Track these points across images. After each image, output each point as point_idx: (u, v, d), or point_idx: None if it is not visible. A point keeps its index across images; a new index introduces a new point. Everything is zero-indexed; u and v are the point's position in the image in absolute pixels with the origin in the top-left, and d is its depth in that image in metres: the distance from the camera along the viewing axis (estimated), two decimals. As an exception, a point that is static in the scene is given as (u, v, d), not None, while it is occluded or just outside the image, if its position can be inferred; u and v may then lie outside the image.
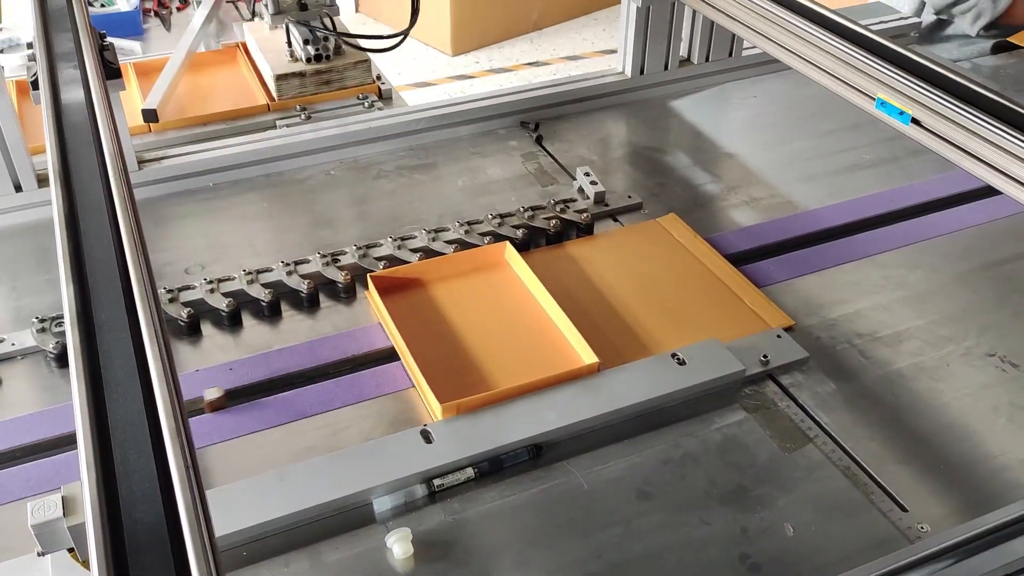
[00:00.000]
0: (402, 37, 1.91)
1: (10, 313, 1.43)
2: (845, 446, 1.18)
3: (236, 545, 1.05)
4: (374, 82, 2.03)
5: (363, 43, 2.02)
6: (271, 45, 2.03)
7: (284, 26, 2.00)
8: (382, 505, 1.10)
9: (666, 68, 2.02)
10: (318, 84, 1.96)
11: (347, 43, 1.99)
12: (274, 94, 1.94)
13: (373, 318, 1.40)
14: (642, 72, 2.00)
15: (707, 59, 2.06)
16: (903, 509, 1.10)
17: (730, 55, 2.07)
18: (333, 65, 1.97)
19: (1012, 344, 1.35)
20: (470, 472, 1.13)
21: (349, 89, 2.02)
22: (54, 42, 1.37)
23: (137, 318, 0.83)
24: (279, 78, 1.92)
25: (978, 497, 1.12)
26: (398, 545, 1.04)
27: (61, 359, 1.32)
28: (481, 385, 1.25)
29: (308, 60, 1.94)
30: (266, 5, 1.97)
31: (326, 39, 1.95)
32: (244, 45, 2.18)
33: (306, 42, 1.94)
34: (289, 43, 1.99)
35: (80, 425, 0.72)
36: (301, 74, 1.93)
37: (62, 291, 0.87)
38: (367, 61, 2.00)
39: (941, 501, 1.12)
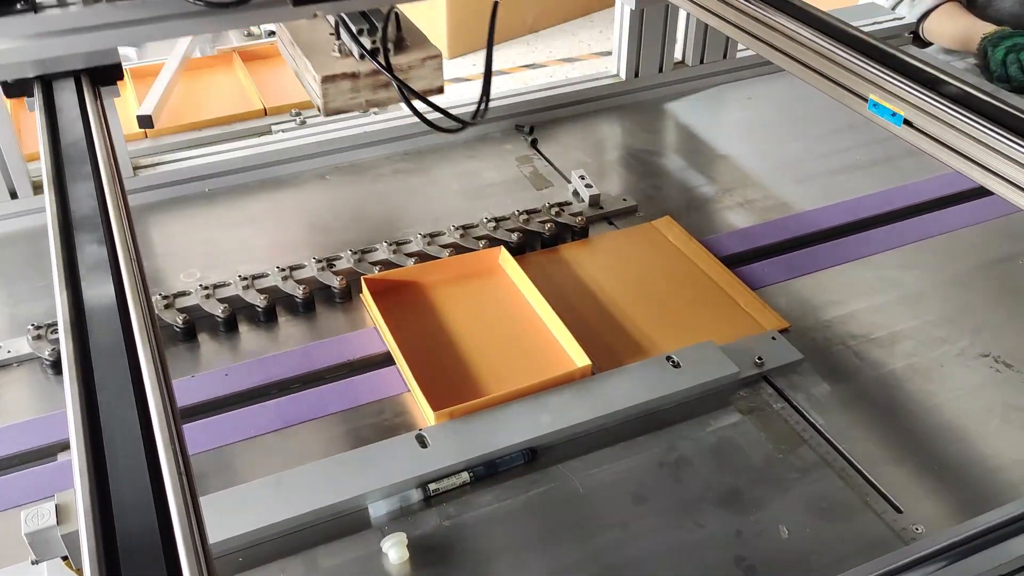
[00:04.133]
0: (481, 109, 1.42)
1: (6, 320, 1.43)
2: (840, 447, 1.19)
3: (232, 551, 1.05)
4: (442, 86, 1.47)
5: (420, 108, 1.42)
6: (311, 37, 1.45)
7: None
8: (377, 510, 1.10)
9: (660, 70, 2.03)
10: (375, 88, 1.40)
11: (406, 98, 1.40)
12: (319, 103, 1.39)
13: (368, 322, 1.40)
14: (637, 75, 2.01)
15: (701, 61, 2.06)
16: (898, 510, 1.10)
17: (724, 57, 2.08)
18: (396, 63, 1.46)
19: (1006, 344, 1.35)
20: (465, 476, 1.13)
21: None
22: (48, 49, 1.37)
23: (131, 325, 0.84)
24: (326, 80, 1.36)
25: (973, 498, 1.13)
26: (394, 550, 1.04)
27: (57, 366, 1.32)
28: (474, 390, 1.25)
29: (363, 56, 1.36)
30: None
31: (385, 29, 1.37)
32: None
33: (360, 32, 1.36)
34: (336, 34, 1.40)
35: (73, 433, 0.73)
36: (354, 75, 1.37)
37: (56, 298, 0.87)
38: (438, 57, 1.44)
39: (936, 502, 1.12)
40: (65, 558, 0.84)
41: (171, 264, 1.54)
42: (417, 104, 1.38)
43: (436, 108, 1.39)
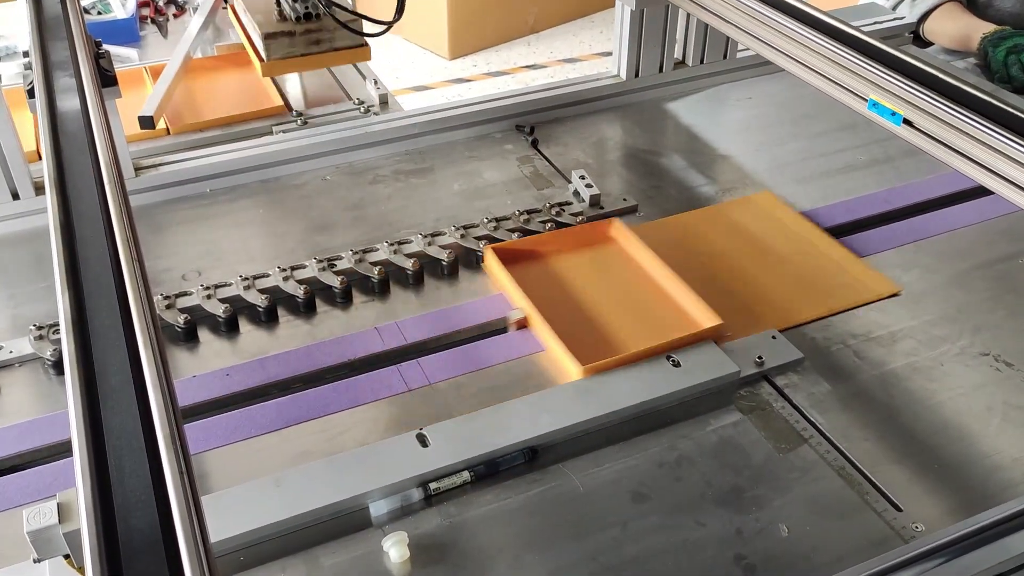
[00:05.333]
0: (396, 18, 1.79)
1: (8, 320, 1.43)
2: (840, 446, 1.19)
3: (233, 550, 1.05)
4: (365, 44, 1.91)
5: (353, 24, 1.86)
6: (260, 6, 1.93)
7: None
8: (378, 509, 1.11)
9: (661, 70, 2.03)
10: (308, 44, 1.85)
11: (334, 17, 1.83)
12: (262, 54, 1.83)
13: (369, 323, 1.40)
14: (637, 75, 2.01)
15: (702, 61, 2.07)
16: (898, 509, 1.10)
17: (724, 57, 2.08)
18: (323, 24, 1.85)
19: (1006, 343, 1.35)
20: (466, 475, 1.14)
21: (340, 52, 1.89)
22: (50, 50, 1.37)
23: (132, 325, 0.84)
24: (267, 37, 1.82)
25: (972, 496, 1.13)
26: (394, 549, 1.05)
27: (58, 366, 1.32)
28: (612, 349, 1.31)
29: (298, 19, 1.82)
30: None
31: None
32: (233, 7, 2.10)
33: (295, 0, 1.84)
34: (278, 2, 1.88)
35: (75, 432, 0.73)
36: (290, 33, 1.83)
37: (57, 298, 0.88)
38: (358, 20, 1.86)
39: (936, 501, 1.12)
40: (67, 557, 0.84)
41: (172, 264, 1.54)
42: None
43: (356, 14, 1.83)
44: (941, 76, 1.22)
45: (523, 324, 1.38)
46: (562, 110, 1.97)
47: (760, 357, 1.30)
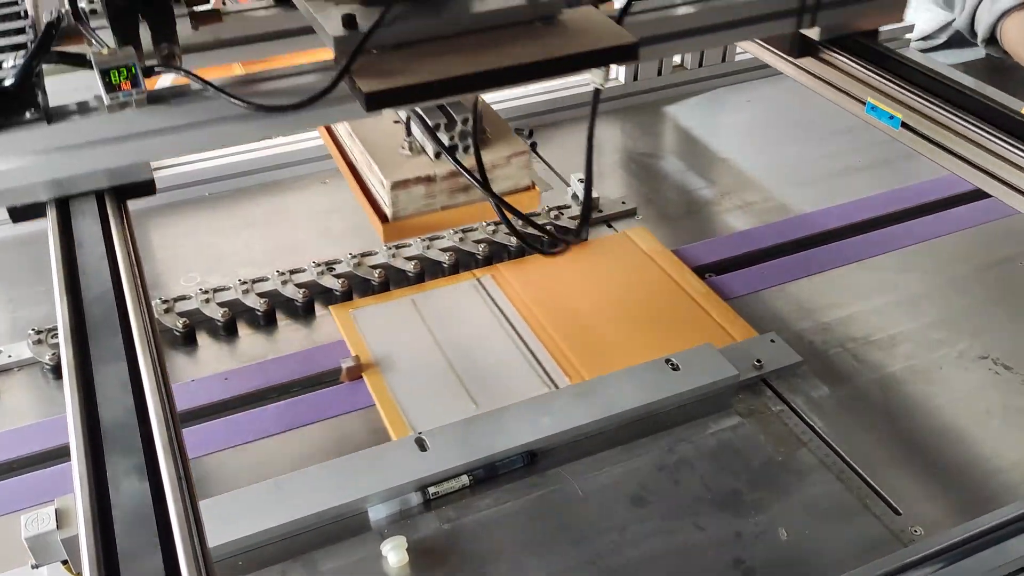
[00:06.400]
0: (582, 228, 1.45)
1: (7, 324, 1.43)
2: (839, 450, 1.19)
3: (231, 555, 1.05)
4: (532, 186, 1.22)
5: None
6: (374, 131, 1.20)
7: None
8: (377, 513, 1.10)
9: (659, 74, 2.03)
10: (453, 192, 1.15)
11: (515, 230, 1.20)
12: (387, 210, 1.15)
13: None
14: (635, 78, 2.01)
15: (700, 64, 2.07)
16: (897, 512, 1.10)
17: (723, 60, 2.08)
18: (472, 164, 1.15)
19: (1005, 346, 1.35)
20: (465, 479, 1.14)
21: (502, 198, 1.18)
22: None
23: (130, 329, 0.84)
24: (396, 186, 1.12)
25: (972, 499, 1.13)
26: (393, 553, 1.04)
27: (58, 370, 1.32)
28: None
29: (438, 155, 1.13)
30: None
31: (466, 123, 1.12)
32: (328, 130, 1.32)
33: (437, 127, 1.11)
34: (408, 130, 1.15)
35: (73, 437, 0.73)
36: (428, 178, 1.13)
37: (56, 303, 0.88)
38: (526, 153, 1.21)
39: (935, 504, 1.12)
40: (65, 562, 0.84)
41: (171, 268, 1.54)
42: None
43: (535, 225, 1.23)
44: (939, 79, 1.22)
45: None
46: (561, 113, 1.97)
47: (759, 360, 1.30)
